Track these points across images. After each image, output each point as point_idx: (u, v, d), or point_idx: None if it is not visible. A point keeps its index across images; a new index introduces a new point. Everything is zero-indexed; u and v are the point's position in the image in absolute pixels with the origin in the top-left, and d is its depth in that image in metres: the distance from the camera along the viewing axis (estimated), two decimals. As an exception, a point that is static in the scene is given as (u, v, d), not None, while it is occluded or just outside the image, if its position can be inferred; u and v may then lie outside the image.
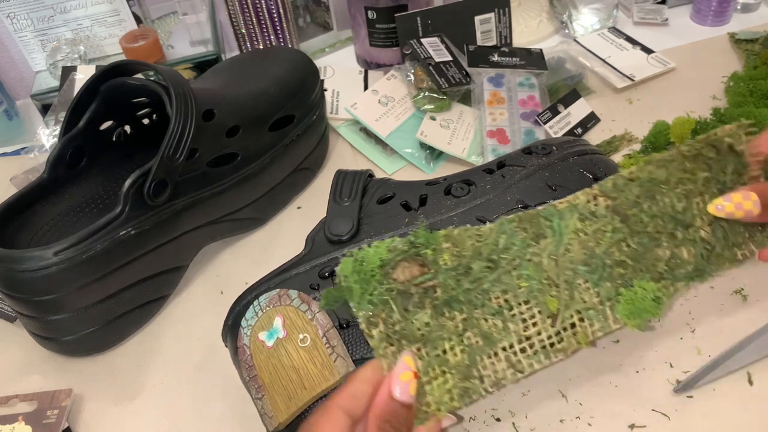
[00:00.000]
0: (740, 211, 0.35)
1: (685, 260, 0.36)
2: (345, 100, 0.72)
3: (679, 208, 0.36)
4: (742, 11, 0.80)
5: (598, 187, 0.37)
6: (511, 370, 0.33)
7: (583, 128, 0.64)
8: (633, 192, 0.36)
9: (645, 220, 0.36)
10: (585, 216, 0.36)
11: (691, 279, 0.36)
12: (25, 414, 0.46)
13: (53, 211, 0.53)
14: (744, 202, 0.35)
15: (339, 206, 0.44)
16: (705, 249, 0.36)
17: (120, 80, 0.51)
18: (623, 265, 0.35)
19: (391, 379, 0.31)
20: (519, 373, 0.34)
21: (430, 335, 0.33)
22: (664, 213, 0.36)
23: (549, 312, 0.34)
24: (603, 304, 0.34)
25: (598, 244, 0.35)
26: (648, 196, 0.36)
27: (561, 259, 0.35)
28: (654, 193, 0.36)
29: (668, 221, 0.36)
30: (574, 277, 0.35)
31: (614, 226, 0.36)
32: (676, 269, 0.36)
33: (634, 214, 0.36)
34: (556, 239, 0.35)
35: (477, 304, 0.34)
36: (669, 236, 0.36)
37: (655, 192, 0.37)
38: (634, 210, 0.36)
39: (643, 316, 0.34)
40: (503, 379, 0.33)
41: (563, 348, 0.34)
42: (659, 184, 0.37)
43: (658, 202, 0.36)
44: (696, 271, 0.36)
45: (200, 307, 0.54)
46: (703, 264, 0.36)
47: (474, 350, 0.33)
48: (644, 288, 0.34)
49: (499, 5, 0.73)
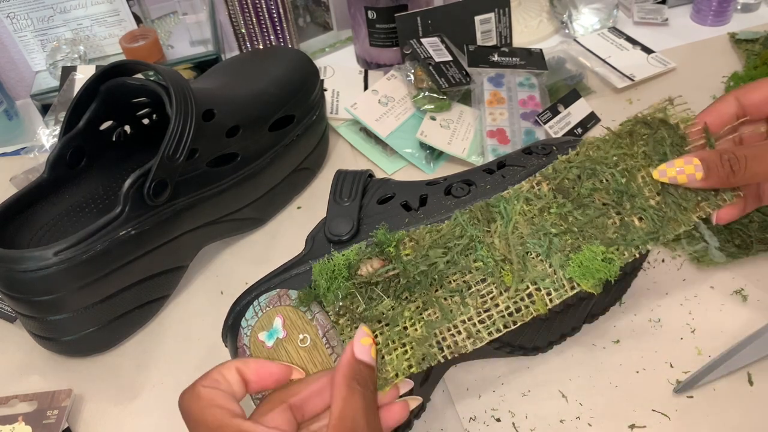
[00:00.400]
0: (682, 176, 0.36)
1: (637, 227, 0.38)
2: (345, 100, 0.72)
3: (622, 181, 0.38)
4: (742, 11, 0.80)
5: (539, 174, 0.39)
6: (471, 339, 0.36)
7: (583, 128, 0.64)
8: (573, 172, 0.39)
9: (587, 194, 0.38)
10: (530, 198, 0.39)
11: (645, 242, 0.37)
12: (25, 414, 0.46)
13: (53, 211, 0.53)
14: (686, 167, 0.36)
15: (339, 206, 0.44)
16: (656, 215, 0.38)
17: (120, 80, 0.51)
18: (571, 233, 0.37)
19: (353, 343, 0.35)
20: (479, 341, 0.36)
21: (391, 316, 0.37)
22: (607, 187, 0.38)
23: (505, 286, 0.37)
24: (557, 273, 0.37)
25: (545, 219, 0.38)
26: (588, 174, 0.38)
27: (511, 237, 0.38)
28: (594, 171, 0.39)
29: (613, 194, 0.38)
30: (525, 251, 0.37)
31: (558, 202, 0.38)
32: (628, 235, 0.37)
33: (576, 190, 0.38)
34: (504, 221, 0.38)
35: (436, 286, 0.37)
36: (615, 207, 0.38)
37: (595, 170, 0.39)
38: (576, 187, 0.38)
39: (596, 276, 0.36)
40: (463, 347, 0.36)
41: (521, 316, 0.37)
42: (597, 162, 0.39)
43: (600, 178, 0.38)
44: (649, 234, 0.37)
45: (200, 307, 0.54)
46: (656, 228, 0.37)
47: (433, 323, 0.37)
48: (593, 250, 0.37)
49: (499, 5, 0.73)
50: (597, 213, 0.38)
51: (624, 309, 0.48)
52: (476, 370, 0.46)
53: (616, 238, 0.37)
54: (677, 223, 0.38)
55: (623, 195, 0.38)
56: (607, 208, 0.38)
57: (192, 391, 0.33)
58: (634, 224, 0.38)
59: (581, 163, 0.39)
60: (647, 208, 0.38)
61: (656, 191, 0.38)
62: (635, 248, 0.37)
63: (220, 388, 0.33)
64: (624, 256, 0.37)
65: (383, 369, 0.36)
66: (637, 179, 0.38)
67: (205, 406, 0.32)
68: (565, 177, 0.39)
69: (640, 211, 0.38)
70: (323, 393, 0.35)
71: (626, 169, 0.38)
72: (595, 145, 0.39)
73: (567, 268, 0.37)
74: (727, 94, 0.40)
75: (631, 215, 0.38)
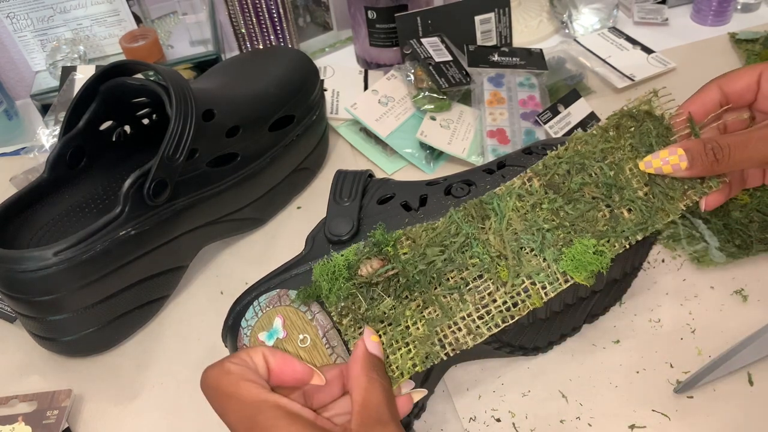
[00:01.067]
0: (667, 166, 0.37)
1: (626, 218, 0.38)
2: (345, 100, 0.72)
3: (610, 174, 0.39)
4: (742, 11, 0.80)
5: (530, 170, 0.40)
6: (471, 335, 0.37)
7: (583, 128, 0.64)
8: (562, 167, 0.39)
9: (577, 189, 0.39)
10: (522, 195, 0.39)
11: (635, 233, 0.38)
12: (25, 414, 0.46)
13: (53, 211, 0.53)
14: (671, 157, 0.37)
15: (339, 206, 0.44)
16: (644, 206, 0.38)
17: (120, 80, 0.51)
18: (563, 228, 0.38)
19: (364, 340, 0.35)
20: (479, 337, 0.37)
21: (393, 316, 0.37)
22: (596, 180, 0.39)
23: (502, 281, 0.38)
24: (550, 266, 0.38)
25: (537, 215, 0.39)
26: (577, 169, 0.39)
27: (505, 233, 0.38)
28: (583, 165, 0.39)
29: (602, 187, 0.39)
30: (519, 247, 0.38)
31: (549, 198, 0.39)
32: (618, 226, 0.38)
33: (566, 185, 0.39)
34: (498, 218, 0.39)
35: (435, 284, 0.38)
36: (605, 199, 0.39)
37: (583, 164, 0.39)
38: (566, 182, 0.39)
39: (588, 268, 0.37)
40: (464, 344, 0.37)
41: (518, 310, 0.37)
42: (585, 157, 0.39)
43: (589, 172, 0.39)
44: (638, 225, 0.38)
45: (200, 307, 0.54)
46: (644, 219, 0.38)
47: (434, 321, 0.37)
48: (584, 244, 0.37)
49: (499, 5, 0.73)
50: (587, 207, 0.39)
51: (624, 309, 0.48)
52: (476, 371, 0.46)
53: (607, 231, 0.38)
54: (665, 212, 0.38)
55: (612, 188, 0.39)
56: (597, 202, 0.39)
57: (220, 367, 0.33)
58: (623, 216, 0.38)
59: (570, 158, 0.40)
60: (635, 199, 0.38)
61: (644, 182, 0.39)
62: (625, 239, 0.38)
63: (249, 367, 0.33)
64: (615, 248, 0.38)
65: (388, 369, 0.36)
66: (625, 171, 0.39)
67: (237, 380, 0.32)
68: (555, 172, 0.39)
69: (629, 203, 0.38)
70: (332, 385, 0.35)
71: (614, 162, 0.39)
72: (583, 140, 0.40)
73: (560, 262, 0.38)
74: (709, 83, 0.40)
75: (620, 207, 0.38)
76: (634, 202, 0.38)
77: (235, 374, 0.32)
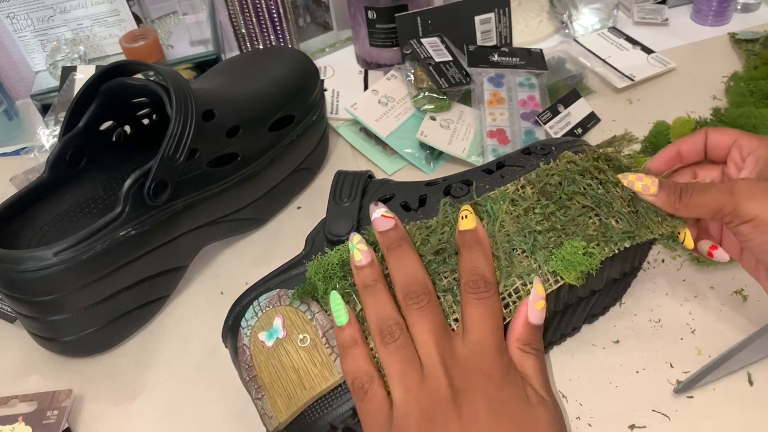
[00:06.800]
0: (639, 183, 0.40)
1: (615, 227, 0.39)
2: (345, 100, 0.72)
3: (599, 191, 0.40)
4: (742, 11, 0.80)
5: (523, 179, 0.41)
6: None
7: (583, 128, 0.64)
8: (554, 179, 0.41)
9: (569, 197, 0.40)
10: (515, 199, 0.40)
11: (623, 240, 0.39)
12: (25, 414, 0.46)
13: (53, 211, 0.53)
14: (645, 178, 0.41)
15: (339, 207, 0.44)
16: (631, 219, 0.40)
17: (120, 80, 0.51)
18: (554, 231, 0.39)
19: (528, 308, 0.37)
20: None
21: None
22: (586, 193, 0.40)
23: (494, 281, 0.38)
24: (541, 267, 0.38)
25: (529, 218, 0.39)
26: (569, 182, 0.41)
27: (498, 235, 0.39)
28: (573, 180, 0.41)
29: (590, 198, 0.40)
30: (512, 248, 0.39)
31: (542, 203, 0.40)
32: (607, 232, 0.39)
33: (558, 193, 0.40)
34: (491, 220, 0.40)
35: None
36: (595, 209, 0.40)
37: (574, 179, 0.41)
38: (557, 191, 0.40)
39: (578, 269, 0.38)
40: None
41: (509, 312, 0.38)
42: (575, 173, 0.41)
43: (579, 185, 0.40)
44: (626, 233, 0.39)
45: (200, 307, 0.54)
46: (632, 229, 0.39)
47: None
48: (575, 245, 0.38)
49: (499, 5, 0.73)
50: (578, 213, 0.39)
51: (624, 309, 0.48)
52: (476, 370, 0.46)
53: (596, 235, 0.39)
54: (648, 229, 0.40)
55: (601, 201, 0.40)
56: (587, 210, 0.40)
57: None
58: (612, 225, 0.39)
59: (561, 172, 0.41)
60: (623, 213, 0.40)
61: (627, 203, 0.40)
62: (614, 244, 0.39)
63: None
64: (604, 252, 0.39)
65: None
66: (611, 191, 0.41)
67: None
68: (548, 182, 0.41)
69: (617, 215, 0.40)
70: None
71: (600, 181, 0.41)
72: (572, 160, 0.42)
73: (550, 263, 0.38)
74: (671, 145, 0.45)
75: (608, 218, 0.40)
76: (622, 215, 0.39)
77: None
